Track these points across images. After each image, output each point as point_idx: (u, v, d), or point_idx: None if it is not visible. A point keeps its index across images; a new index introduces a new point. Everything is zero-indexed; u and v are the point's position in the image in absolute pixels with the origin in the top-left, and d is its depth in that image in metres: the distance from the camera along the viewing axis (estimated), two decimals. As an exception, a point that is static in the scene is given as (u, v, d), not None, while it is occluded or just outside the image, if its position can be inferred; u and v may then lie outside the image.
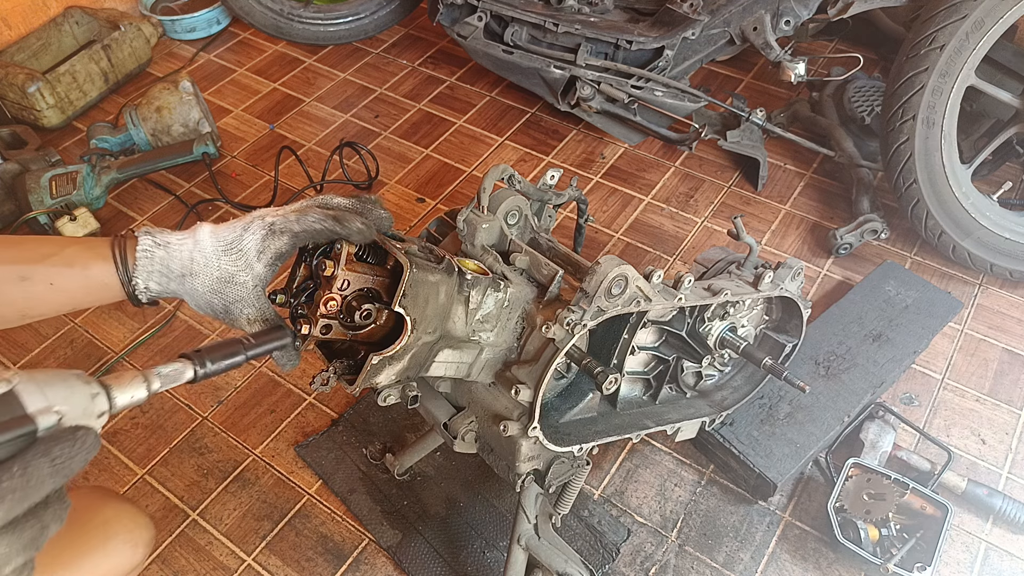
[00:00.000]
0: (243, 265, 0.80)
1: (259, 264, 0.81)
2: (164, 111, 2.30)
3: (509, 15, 2.26)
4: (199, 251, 0.80)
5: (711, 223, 2.16)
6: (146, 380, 0.65)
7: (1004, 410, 1.72)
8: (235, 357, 0.74)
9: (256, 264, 0.81)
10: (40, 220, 2.06)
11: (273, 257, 0.81)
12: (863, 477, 1.52)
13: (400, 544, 1.53)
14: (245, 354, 0.76)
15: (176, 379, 0.69)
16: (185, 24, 2.85)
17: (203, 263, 0.80)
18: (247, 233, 0.81)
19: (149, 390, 0.65)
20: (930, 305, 1.84)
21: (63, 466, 0.53)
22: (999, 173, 2.12)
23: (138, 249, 0.79)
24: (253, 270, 0.81)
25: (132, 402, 0.64)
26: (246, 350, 0.76)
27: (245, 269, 0.80)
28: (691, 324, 1.36)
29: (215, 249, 0.80)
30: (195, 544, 1.56)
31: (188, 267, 0.80)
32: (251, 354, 0.76)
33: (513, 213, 1.19)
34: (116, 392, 0.62)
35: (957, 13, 1.67)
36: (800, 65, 2.09)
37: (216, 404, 1.79)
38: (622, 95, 2.18)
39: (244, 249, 0.80)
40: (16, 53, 2.58)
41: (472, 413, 1.17)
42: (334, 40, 2.84)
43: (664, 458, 1.66)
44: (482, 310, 1.05)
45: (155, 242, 0.80)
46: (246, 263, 0.80)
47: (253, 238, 0.80)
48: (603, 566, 1.49)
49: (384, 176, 2.34)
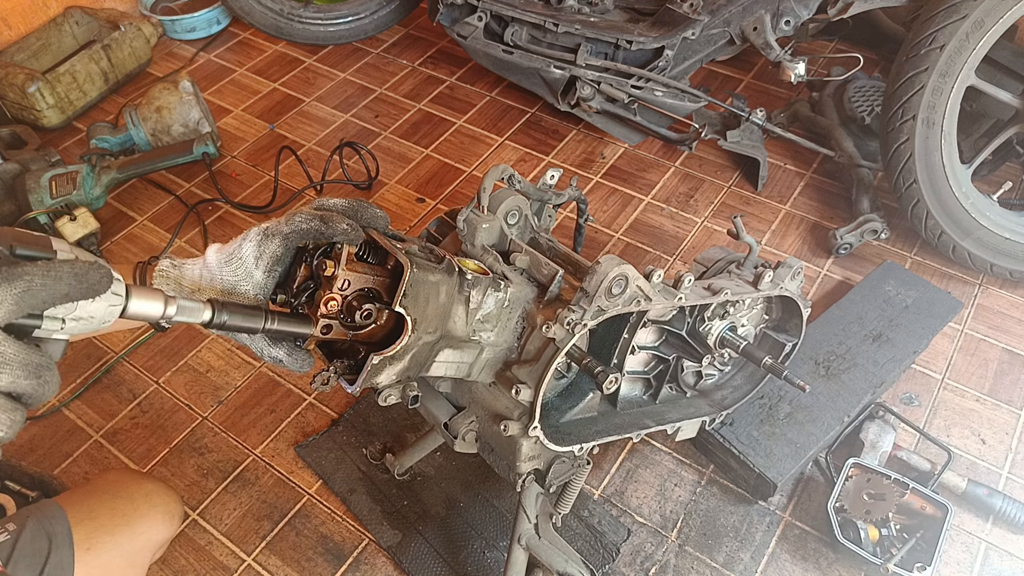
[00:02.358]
0: (243, 274, 0.83)
1: (258, 271, 0.83)
2: (164, 111, 2.30)
3: (509, 15, 2.26)
4: (206, 267, 0.83)
5: (711, 223, 2.16)
6: (165, 300, 0.69)
7: (1004, 410, 1.72)
8: (254, 321, 0.77)
9: (255, 272, 0.83)
10: (40, 220, 2.06)
11: (270, 262, 0.83)
12: (863, 477, 1.52)
13: (400, 544, 1.53)
14: (263, 323, 0.78)
15: (193, 315, 0.72)
16: (185, 24, 2.85)
17: (208, 278, 0.83)
18: (244, 242, 0.83)
19: (164, 310, 0.69)
20: (930, 305, 1.84)
21: (81, 274, 0.57)
22: (999, 173, 2.12)
23: (155, 271, 0.83)
24: (253, 278, 0.83)
25: (144, 313, 0.67)
26: (266, 320, 0.79)
27: (245, 278, 0.83)
28: (691, 323, 1.36)
29: (218, 262, 0.83)
30: (195, 544, 1.56)
31: (197, 283, 0.83)
32: (269, 327, 0.79)
33: (513, 213, 1.19)
34: (135, 294, 0.66)
35: (957, 13, 1.67)
36: (800, 65, 2.09)
37: (216, 404, 1.79)
38: (622, 95, 2.18)
39: (243, 257, 0.83)
40: (16, 53, 2.58)
41: (472, 413, 1.17)
42: (334, 40, 2.84)
43: (664, 458, 1.66)
44: (482, 310, 1.05)
45: (171, 263, 0.84)
46: (246, 271, 0.83)
47: (250, 245, 0.83)
48: (603, 566, 1.49)
49: (384, 176, 2.34)
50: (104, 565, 1.06)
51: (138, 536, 1.13)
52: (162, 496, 1.19)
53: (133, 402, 1.80)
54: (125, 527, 1.11)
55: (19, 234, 0.59)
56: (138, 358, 1.89)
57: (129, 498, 1.15)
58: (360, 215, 0.89)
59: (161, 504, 1.17)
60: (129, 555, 1.11)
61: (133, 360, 1.88)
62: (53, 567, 0.98)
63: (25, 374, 0.55)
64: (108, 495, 1.14)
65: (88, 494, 1.15)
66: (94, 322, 0.62)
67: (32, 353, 0.56)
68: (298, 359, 0.87)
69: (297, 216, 0.84)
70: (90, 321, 0.62)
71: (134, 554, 1.12)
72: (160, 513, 1.17)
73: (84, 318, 0.61)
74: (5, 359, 0.54)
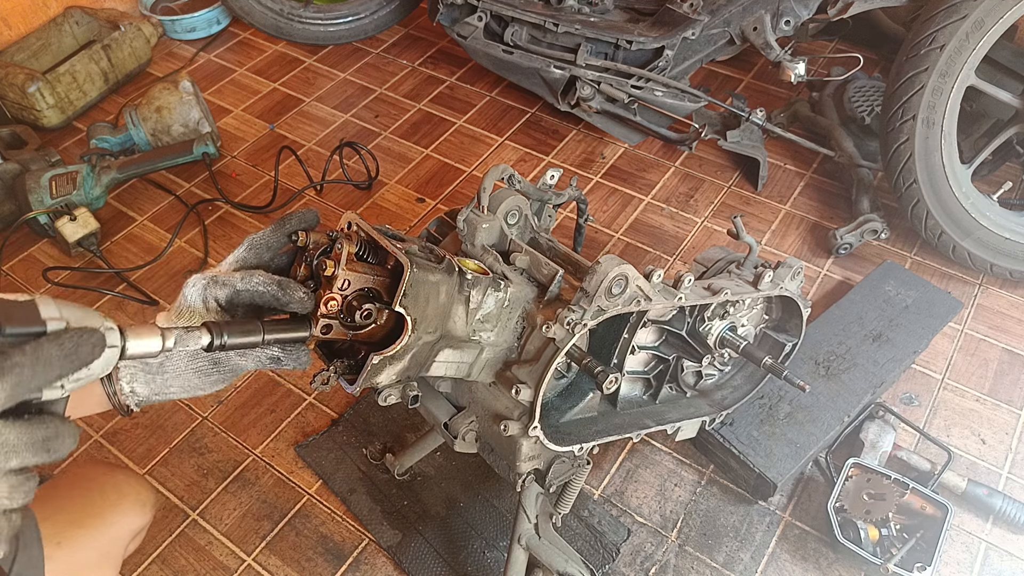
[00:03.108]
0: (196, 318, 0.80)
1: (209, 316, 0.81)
2: (164, 111, 2.30)
3: (509, 15, 2.26)
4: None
5: (711, 223, 2.16)
6: (163, 335, 0.68)
7: (1004, 410, 1.72)
8: (253, 336, 0.77)
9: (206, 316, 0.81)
10: (40, 220, 2.06)
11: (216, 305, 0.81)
12: (863, 477, 1.52)
13: (400, 544, 1.53)
14: (263, 335, 0.78)
15: (192, 342, 0.72)
16: (185, 24, 2.85)
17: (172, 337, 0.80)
18: (187, 289, 0.82)
19: (163, 344, 0.67)
20: (930, 305, 1.84)
21: (71, 352, 0.56)
22: (999, 173, 2.12)
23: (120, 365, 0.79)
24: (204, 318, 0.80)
25: (144, 351, 0.66)
26: (265, 332, 0.78)
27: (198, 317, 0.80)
28: (691, 323, 1.36)
29: (167, 320, 0.81)
30: (195, 544, 1.56)
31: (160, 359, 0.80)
32: (269, 337, 0.79)
33: (513, 213, 1.19)
34: (131, 335, 0.64)
35: (957, 13, 1.67)
36: (800, 65, 2.09)
37: (216, 404, 1.79)
38: (622, 95, 2.18)
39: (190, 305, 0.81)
40: (16, 53, 2.58)
41: (472, 413, 1.17)
42: (334, 40, 2.84)
43: (664, 458, 1.66)
44: (482, 310, 1.05)
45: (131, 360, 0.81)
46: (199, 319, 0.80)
47: (193, 290, 0.81)
48: (603, 566, 1.49)
49: (384, 176, 2.34)
50: (77, 560, 1.03)
51: (110, 527, 1.09)
52: (133, 485, 1.16)
53: (133, 402, 1.80)
54: (96, 519, 1.08)
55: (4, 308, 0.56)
56: (138, 358, 1.88)
57: (99, 490, 1.12)
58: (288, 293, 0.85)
59: (132, 493, 1.14)
60: (102, 547, 1.08)
61: (133, 360, 1.88)
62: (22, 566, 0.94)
63: (33, 452, 0.55)
64: (76, 488, 1.11)
65: (55, 489, 1.11)
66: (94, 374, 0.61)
67: (36, 429, 0.55)
68: (296, 356, 0.86)
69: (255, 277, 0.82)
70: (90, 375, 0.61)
71: (107, 546, 1.09)
72: (131, 502, 1.13)
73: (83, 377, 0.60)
74: (9, 446, 0.53)
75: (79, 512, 1.07)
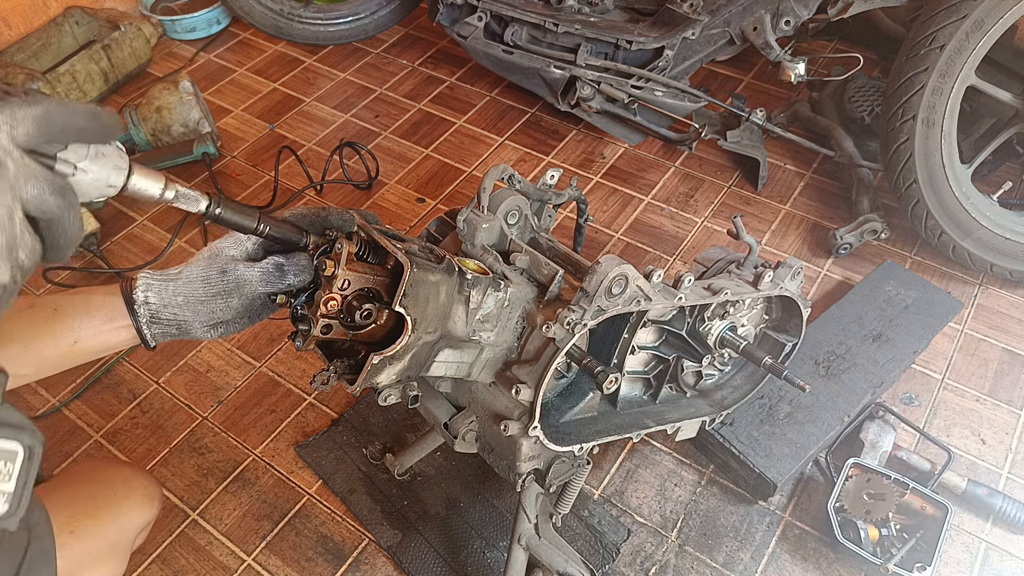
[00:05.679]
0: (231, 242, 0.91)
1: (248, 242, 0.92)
2: (164, 111, 2.31)
3: (509, 15, 2.26)
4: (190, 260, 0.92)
5: (711, 223, 2.16)
6: (165, 184, 0.72)
7: (1004, 410, 1.72)
8: (247, 220, 0.82)
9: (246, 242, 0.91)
10: (40, 220, 2.06)
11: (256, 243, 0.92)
12: (863, 477, 1.52)
13: (400, 544, 1.53)
14: (257, 223, 0.83)
15: (190, 202, 0.76)
16: (185, 24, 2.85)
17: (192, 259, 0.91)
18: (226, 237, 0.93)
19: (162, 192, 0.72)
20: (930, 305, 1.84)
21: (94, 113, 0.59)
22: (999, 173, 2.12)
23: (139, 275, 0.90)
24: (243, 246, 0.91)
25: (143, 191, 0.70)
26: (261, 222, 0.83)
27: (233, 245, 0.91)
28: (691, 323, 1.36)
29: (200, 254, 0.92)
30: (195, 544, 1.56)
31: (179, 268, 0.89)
32: (263, 229, 0.84)
33: (513, 213, 1.20)
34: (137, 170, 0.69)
35: (957, 13, 1.67)
36: (800, 65, 2.09)
37: (216, 404, 1.79)
38: (622, 95, 2.18)
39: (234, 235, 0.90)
40: (16, 53, 2.58)
41: (472, 413, 1.17)
42: (334, 40, 2.84)
43: (664, 458, 1.66)
44: (482, 310, 1.05)
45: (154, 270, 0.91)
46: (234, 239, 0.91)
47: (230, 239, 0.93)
48: (603, 566, 1.49)
49: (384, 176, 2.34)
50: (87, 549, 1.05)
51: (119, 519, 1.12)
52: (140, 479, 1.18)
53: (133, 402, 1.80)
54: (106, 510, 1.10)
55: None
56: (138, 358, 1.89)
57: (108, 483, 1.14)
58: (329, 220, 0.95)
59: (140, 487, 1.17)
60: (112, 538, 1.10)
61: (133, 360, 1.88)
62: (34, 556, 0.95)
63: (51, 189, 0.56)
64: (86, 482, 1.14)
65: (65, 482, 1.14)
66: (100, 184, 0.64)
67: (56, 174, 0.58)
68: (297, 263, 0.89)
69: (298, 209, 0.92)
70: (97, 182, 0.64)
71: (117, 537, 1.11)
72: (139, 496, 1.16)
73: (94, 171, 0.63)
74: (31, 172, 0.55)
75: (90, 504, 1.09)
